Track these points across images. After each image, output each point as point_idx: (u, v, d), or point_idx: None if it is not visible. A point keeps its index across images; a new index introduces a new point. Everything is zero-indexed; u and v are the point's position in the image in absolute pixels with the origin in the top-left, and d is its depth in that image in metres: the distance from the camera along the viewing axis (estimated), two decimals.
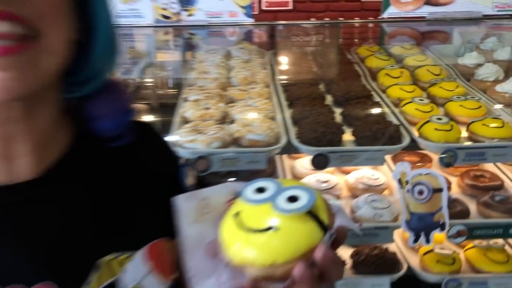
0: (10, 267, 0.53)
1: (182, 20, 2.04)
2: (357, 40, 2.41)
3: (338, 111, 1.61)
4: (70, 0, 0.54)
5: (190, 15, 2.02)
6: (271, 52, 2.22)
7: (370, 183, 1.56)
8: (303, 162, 1.70)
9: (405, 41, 2.12)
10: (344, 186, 1.64)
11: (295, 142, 1.39)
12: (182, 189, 0.63)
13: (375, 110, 1.58)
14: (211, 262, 0.48)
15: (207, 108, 1.63)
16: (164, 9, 1.94)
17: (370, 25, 2.68)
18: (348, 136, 1.45)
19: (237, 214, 0.48)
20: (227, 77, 1.94)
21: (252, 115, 1.55)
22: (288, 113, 1.60)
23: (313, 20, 4.65)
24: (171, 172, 0.73)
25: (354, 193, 1.58)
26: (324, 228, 0.46)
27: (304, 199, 0.46)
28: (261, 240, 0.45)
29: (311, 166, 1.43)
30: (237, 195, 0.51)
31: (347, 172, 1.72)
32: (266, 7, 4.80)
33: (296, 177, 1.69)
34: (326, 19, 4.68)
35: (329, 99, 1.73)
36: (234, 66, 2.00)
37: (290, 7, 4.80)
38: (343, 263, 0.47)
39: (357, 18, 4.56)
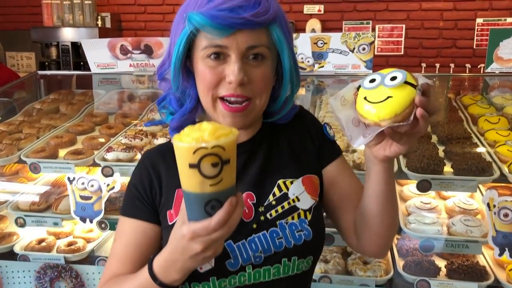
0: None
1: (314, 71, 2.57)
2: (462, 89, 2.75)
3: (441, 148, 2.00)
4: (274, 71, 0.99)
5: (321, 67, 2.55)
6: None
7: (465, 207, 1.92)
8: (410, 187, 2.11)
9: (506, 92, 2.44)
10: (443, 208, 2.00)
11: (405, 170, 1.82)
12: (328, 138, 1.10)
13: (473, 149, 1.95)
14: (357, 129, 0.87)
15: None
16: (302, 62, 2.50)
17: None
18: (448, 168, 1.84)
19: (365, 98, 0.83)
20: None
21: None
22: None
23: (424, 65, 4.99)
24: (319, 129, 1.12)
25: (451, 215, 1.94)
26: (415, 87, 0.80)
27: (400, 76, 0.80)
28: (386, 104, 0.80)
29: (416, 190, 1.84)
30: (357, 89, 0.86)
31: (445, 198, 2.08)
32: (378, 51, 5.24)
33: (403, 199, 2.10)
34: (437, 64, 4.99)
35: (434, 138, 2.13)
36: None
37: (402, 52, 5.20)
38: (437, 102, 0.83)
39: (468, 65, 4.81)
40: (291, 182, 1.03)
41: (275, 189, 1.02)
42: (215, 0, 0.89)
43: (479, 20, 4.96)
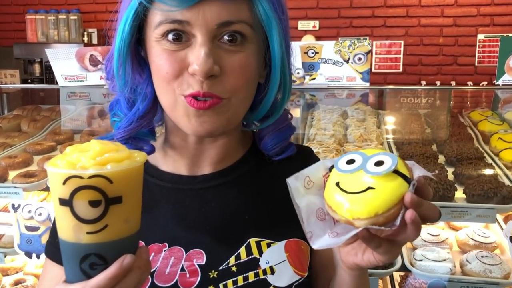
0: (171, 232, 0.71)
1: (304, 83, 2.31)
2: (469, 104, 2.49)
3: (450, 170, 1.72)
4: (261, 61, 0.72)
5: (312, 79, 2.28)
6: (383, 112, 2.40)
7: (480, 240, 1.62)
8: None
9: None
10: (454, 241, 1.71)
11: None
12: None
13: (487, 171, 1.66)
14: (322, 223, 0.63)
15: None
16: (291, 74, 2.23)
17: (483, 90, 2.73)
18: (459, 193, 1.56)
19: (337, 183, 0.60)
20: (343, 134, 2.15)
21: None
22: None
23: (423, 83, 4.75)
24: None
25: (464, 249, 1.65)
26: (407, 180, 0.57)
27: (388, 162, 0.58)
28: (365, 198, 0.57)
29: None
30: (330, 169, 0.64)
31: (456, 229, 1.79)
32: (376, 69, 5.01)
33: None
34: (437, 82, 4.75)
35: (441, 159, 1.84)
36: (350, 125, 2.20)
37: (400, 69, 4.97)
38: (434, 206, 0.59)
39: (470, 82, 4.56)
40: (268, 245, 0.74)
41: (242, 250, 0.73)
42: None
43: (481, 36, 4.75)
